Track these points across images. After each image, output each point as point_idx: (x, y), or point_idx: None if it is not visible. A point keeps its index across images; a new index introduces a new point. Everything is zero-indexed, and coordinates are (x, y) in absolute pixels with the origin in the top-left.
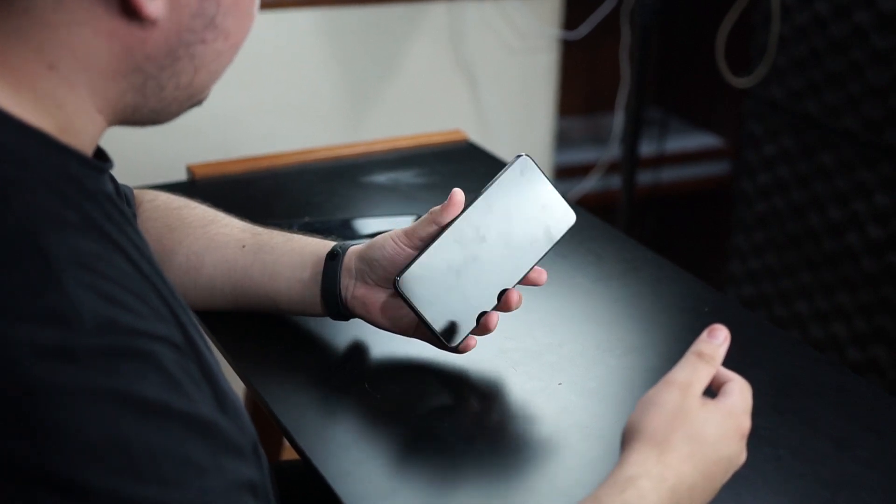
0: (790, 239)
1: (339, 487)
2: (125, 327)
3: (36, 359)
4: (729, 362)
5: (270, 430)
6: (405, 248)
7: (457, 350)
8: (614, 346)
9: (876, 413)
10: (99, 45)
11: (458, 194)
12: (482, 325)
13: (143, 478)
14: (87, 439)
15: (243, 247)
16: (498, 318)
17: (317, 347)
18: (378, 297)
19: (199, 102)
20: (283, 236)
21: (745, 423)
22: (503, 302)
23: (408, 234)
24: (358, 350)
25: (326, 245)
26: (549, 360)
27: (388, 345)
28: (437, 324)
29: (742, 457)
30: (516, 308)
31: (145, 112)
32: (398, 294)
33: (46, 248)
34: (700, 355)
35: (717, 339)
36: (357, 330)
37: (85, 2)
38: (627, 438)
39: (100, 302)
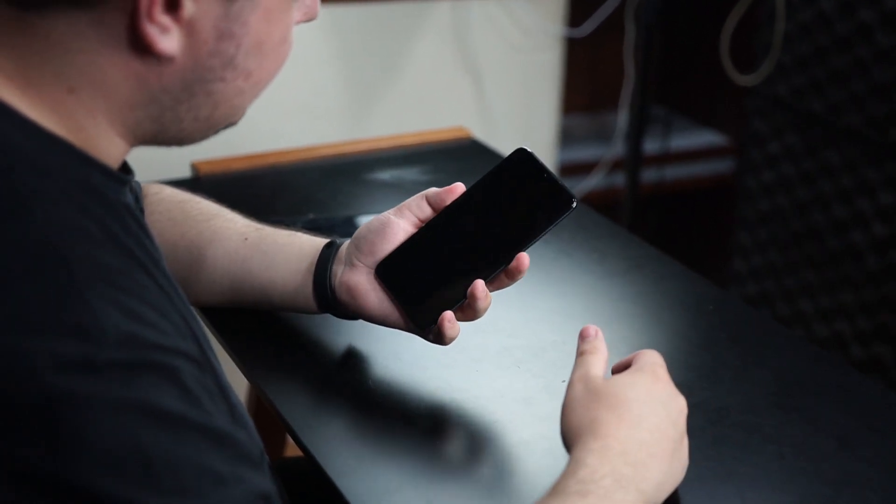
0: (794, 236)
1: (343, 484)
2: (146, 342)
3: (57, 370)
4: (733, 359)
5: (274, 427)
6: (392, 217)
7: (439, 340)
8: (617, 344)
9: (879, 411)
10: (115, 75)
11: (460, 185)
12: (470, 296)
13: (162, 488)
14: (107, 449)
15: (246, 239)
16: (484, 287)
17: (321, 345)
18: (364, 281)
19: (232, 125)
20: (287, 232)
21: (659, 372)
22: (514, 263)
23: (398, 207)
24: (362, 348)
25: (327, 240)
26: (553, 357)
27: (392, 343)
28: (413, 309)
29: (679, 400)
30: (522, 272)
31: (166, 139)
32: (378, 280)
33: (70, 261)
34: (583, 352)
35: (589, 336)
36: (361, 328)
37: (99, 33)
38: (567, 447)
39: (121, 317)
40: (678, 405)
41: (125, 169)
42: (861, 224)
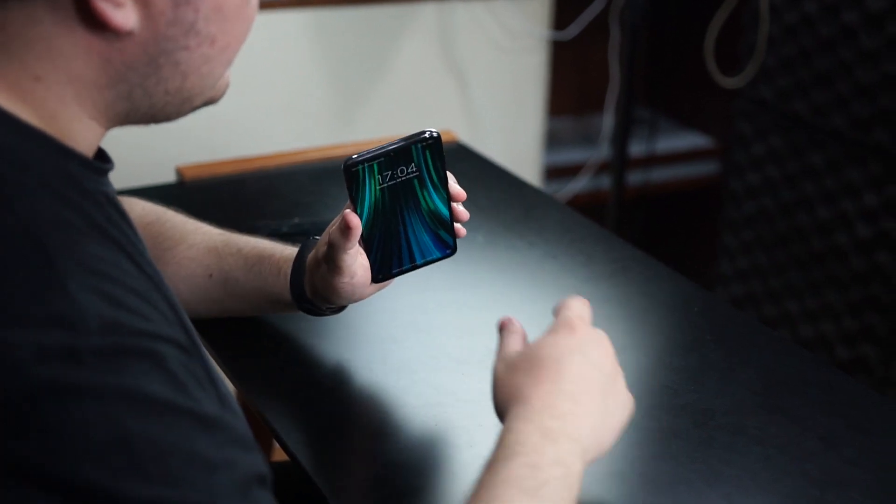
0: (779, 238)
1: (328, 488)
2: (130, 328)
3: (40, 361)
4: (718, 361)
5: (260, 431)
6: (343, 281)
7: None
8: None
9: (863, 411)
10: (78, 57)
11: (349, 213)
12: (457, 217)
13: (149, 476)
14: (92, 438)
15: (210, 276)
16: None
17: (307, 350)
18: (368, 291)
19: (212, 101)
20: (244, 266)
21: (575, 323)
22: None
23: (336, 268)
24: (348, 352)
25: (285, 278)
26: None
27: (381, 347)
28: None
29: (600, 345)
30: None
31: (140, 116)
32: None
33: (50, 252)
34: (501, 339)
35: (509, 325)
36: (348, 332)
37: (55, 16)
38: (501, 418)
39: (104, 305)
40: (599, 349)
41: (103, 158)
42: (845, 225)
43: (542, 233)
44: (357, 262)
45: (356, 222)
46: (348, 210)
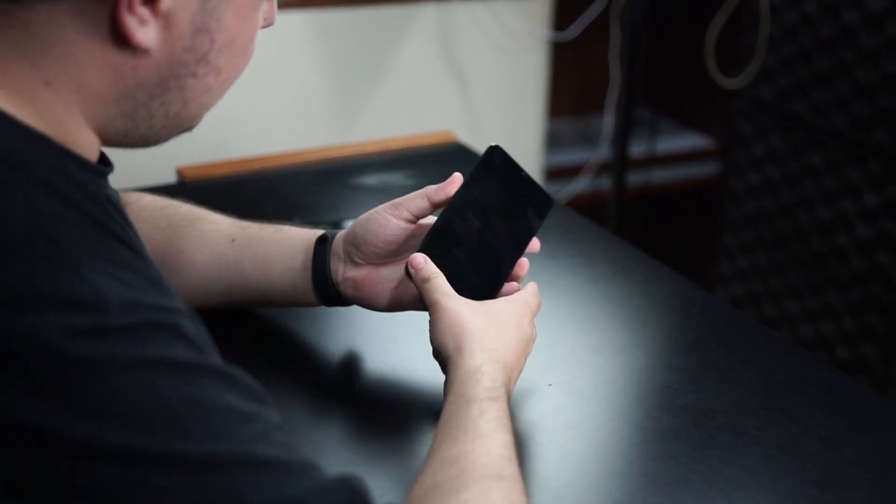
0: (779, 238)
1: None
2: (146, 304)
3: (69, 338)
4: (719, 361)
5: None
6: (391, 218)
7: None
8: (604, 347)
9: (863, 412)
10: (92, 68)
11: (458, 175)
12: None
13: (193, 435)
14: (133, 408)
15: (233, 241)
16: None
17: (309, 350)
18: (369, 274)
19: (189, 129)
20: (273, 227)
21: (529, 311)
22: (515, 272)
23: (395, 205)
24: (350, 351)
25: (316, 233)
26: (540, 360)
27: (380, 346)
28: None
29: (532, 344)
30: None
31: (135, 137)
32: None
33: (59, 241)
34: (427, 278)
35: (421, 265)
36: (349, 331)
37: (78, 23)
38: (447, 355)
39: (118, 286)
40: (531, 346)
41: (104, 161)
42: (845, 225)
43: (542, 233)
44: (408, 217)
45: (459, 178)
46: (458, 173)
